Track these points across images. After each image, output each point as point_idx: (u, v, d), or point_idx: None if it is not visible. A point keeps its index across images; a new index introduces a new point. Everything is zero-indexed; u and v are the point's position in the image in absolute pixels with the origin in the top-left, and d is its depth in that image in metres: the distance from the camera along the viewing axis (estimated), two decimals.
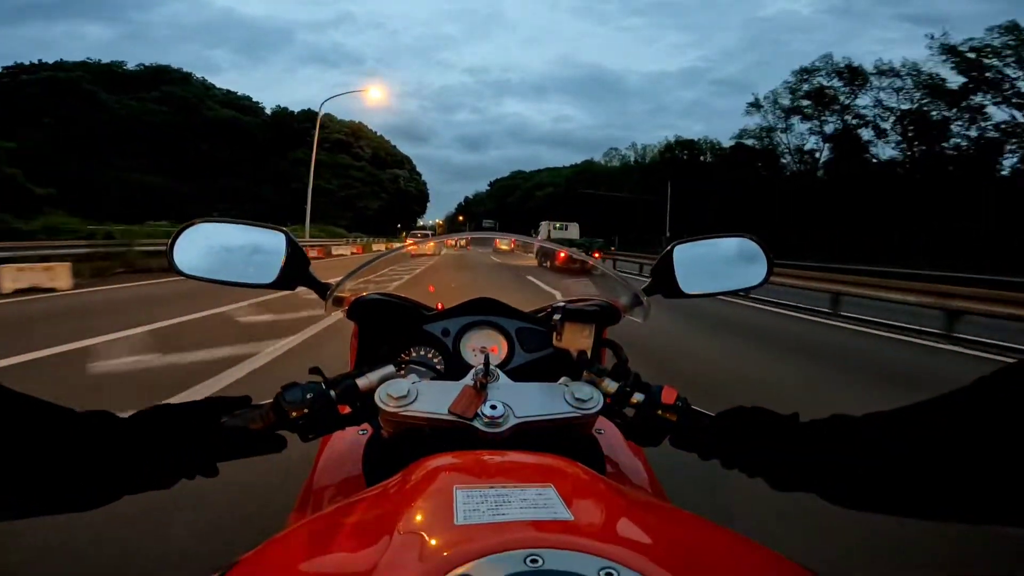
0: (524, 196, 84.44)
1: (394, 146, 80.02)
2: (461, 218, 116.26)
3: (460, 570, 0.27)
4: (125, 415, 0.46)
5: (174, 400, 0.49)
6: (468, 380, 0.54)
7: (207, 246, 0.67)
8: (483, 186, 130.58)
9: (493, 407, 0.50)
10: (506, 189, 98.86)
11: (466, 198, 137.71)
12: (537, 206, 73.23)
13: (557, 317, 0.68)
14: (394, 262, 0.93)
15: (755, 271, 0.72)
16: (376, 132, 75.83)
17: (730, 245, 0.73)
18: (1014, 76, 26.83)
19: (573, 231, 25.69)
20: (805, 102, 36.81)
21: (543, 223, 27.02)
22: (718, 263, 0.72)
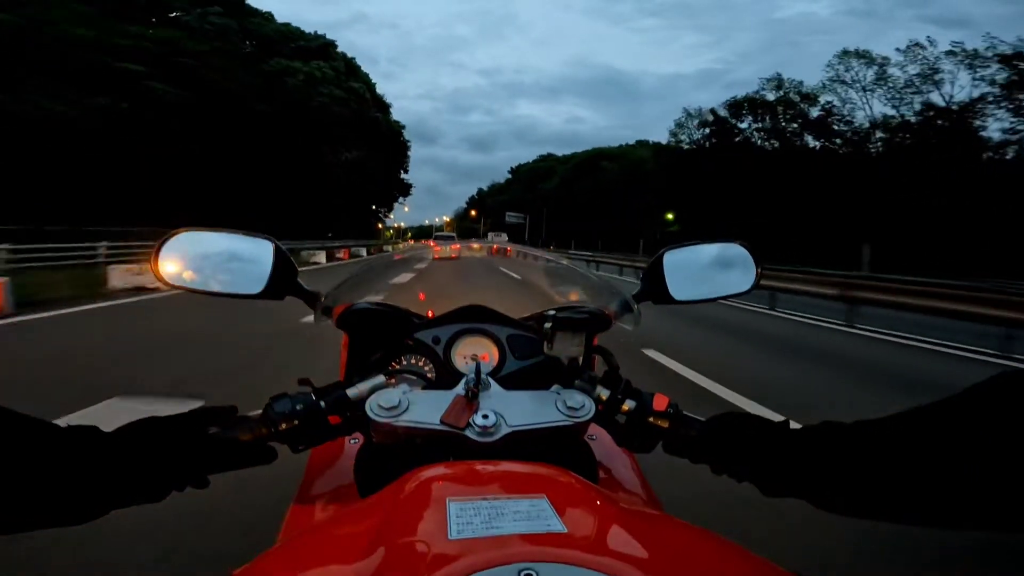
0: (572, 176, 60.56)
1: (321, 36, 40.70)
2: (474, 213, 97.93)
3: None
4: (111, 430, 0.45)
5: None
6: (459, 389, 0.53)
7: (192, 255, 0.66)
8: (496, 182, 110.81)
9: (485, 416, 0.49)
10: (536, 174, 76.52)
11: (480, 190, 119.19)
12: (610, 181, 51.04)
13: (548, 325, 0.68)
14: (391, 267, 0.92)
15: (744, 278, 0.72)
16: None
17: (719, 251, 0.74)
18: None
19: (503, 238, 38.55)
20: None
21: (490, 233, 40.91)
22: (707, 269, 0.73)
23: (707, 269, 0.73)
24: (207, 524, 1.71)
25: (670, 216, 41.65)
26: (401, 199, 60.67)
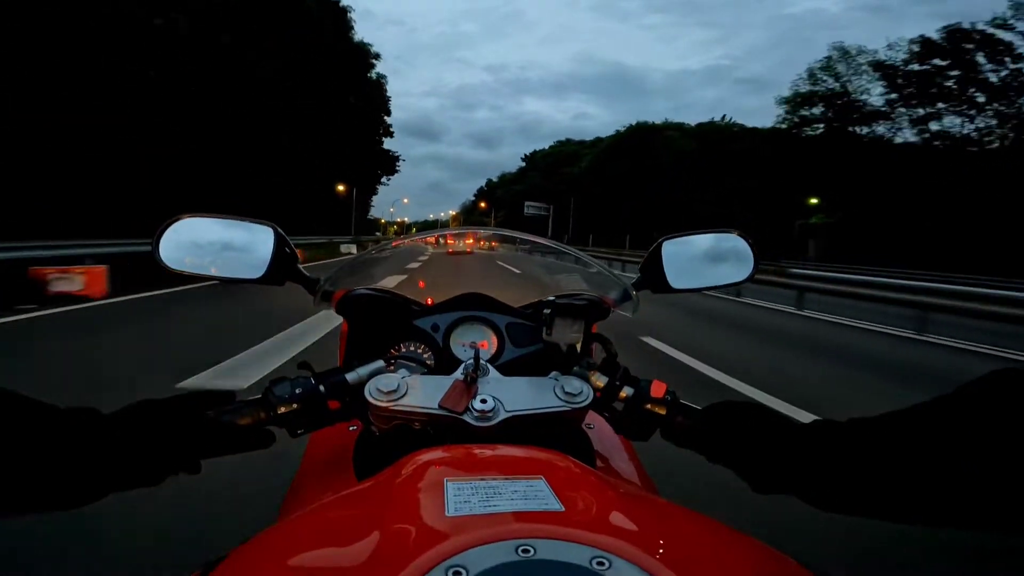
0: (609, 156, 46.09)
1: None
2: (484, 204, 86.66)
3: (452, 560, 0.27)
4: (109, 411, 0.45)
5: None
6: (458, 374, 0.54)
7: (193, 240, 0.66)
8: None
9: (483, 401, 0.50)
10: (558, 159, 62.77)
11: (489, 181, 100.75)
12: (678, 155, 38.13)
13: (547, 312, 0.68)
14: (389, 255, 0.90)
15: (741, 267, 0.73)
16: None
17: (717, 241, 0.74)
18: None
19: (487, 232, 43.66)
20: None
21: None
22: (705, 259, 0.73)
23: (705, 258, 0.73)
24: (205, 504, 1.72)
25: (813, 200, 28.11)
26: (386, 178, 43.45)
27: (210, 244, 0.66)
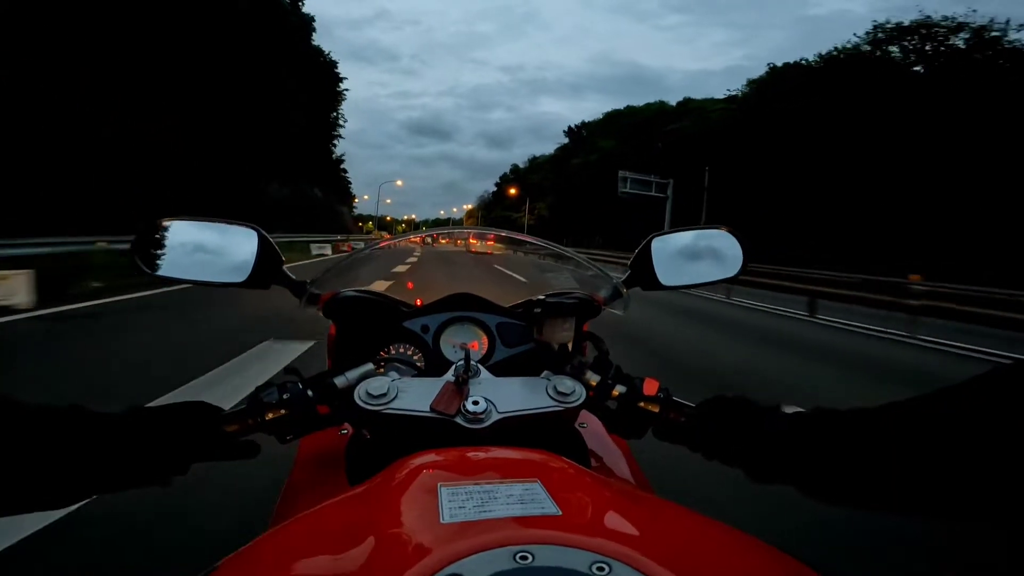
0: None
1: None
2: (514, 191, 66.93)
3: (448, 569, 0.26)
4: (96, 410, 0.44)
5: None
6: (449, 376, 0.53)
7: (175, 245, 0.65)
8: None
9: (475, 403, 0.49)
10: (645, 122, 39.75)
11: (514, 167, 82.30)
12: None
13: (537, 311, 0.67)
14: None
15: (731, 263, 0.73)
16: None
17: (707, 237, 0.74)
18: None
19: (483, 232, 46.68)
20: None
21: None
22: (694, 255, 0.73)
23: (694, 255, 0.73)
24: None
25: None
26: (341, 125, 29.88)
27: (192, 248, 0.65)
